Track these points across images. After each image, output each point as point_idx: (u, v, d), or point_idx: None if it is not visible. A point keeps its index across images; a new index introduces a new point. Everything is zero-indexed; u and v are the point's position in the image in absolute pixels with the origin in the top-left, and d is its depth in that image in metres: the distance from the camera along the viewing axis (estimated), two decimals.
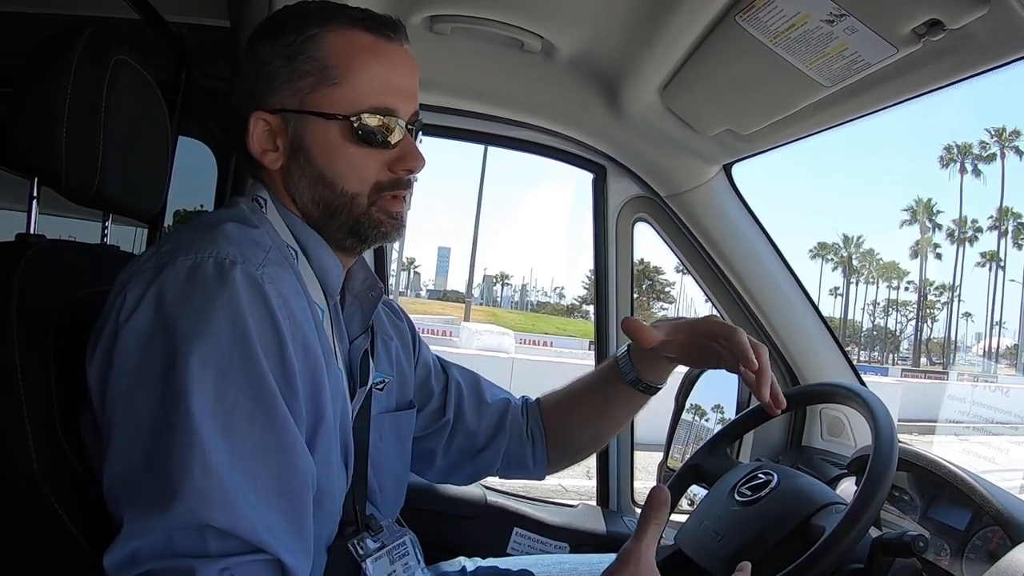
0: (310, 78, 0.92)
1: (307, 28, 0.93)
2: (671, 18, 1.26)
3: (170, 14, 1.50)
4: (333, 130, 0.93)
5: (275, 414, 0.80)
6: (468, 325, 30.69)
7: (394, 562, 1.03)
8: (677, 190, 1.90)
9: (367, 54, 0.93)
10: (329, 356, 0.93)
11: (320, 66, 0.92)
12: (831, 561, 0.98)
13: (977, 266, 61.44)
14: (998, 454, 6.61)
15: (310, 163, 0.94)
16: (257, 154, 0.95)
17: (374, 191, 0.95)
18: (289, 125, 0.94)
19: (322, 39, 0.92)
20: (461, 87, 1.79)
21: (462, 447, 1.28)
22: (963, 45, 1.05)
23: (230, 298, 0.79)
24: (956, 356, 61.69)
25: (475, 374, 1.35)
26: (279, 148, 0.95)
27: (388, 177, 0.96)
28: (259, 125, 0.94)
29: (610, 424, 1.33)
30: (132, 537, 0.74)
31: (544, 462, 1.33)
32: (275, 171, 0.96)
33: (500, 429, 1.29)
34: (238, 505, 0.76)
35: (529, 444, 1.31)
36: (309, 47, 0.92)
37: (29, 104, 1.00)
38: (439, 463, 1.28)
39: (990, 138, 58.18)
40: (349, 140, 0.93)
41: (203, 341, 0.77)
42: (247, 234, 0.88)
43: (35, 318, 0.89)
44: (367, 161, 0.94)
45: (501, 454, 1.29)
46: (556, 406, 1.35)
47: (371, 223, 0.96)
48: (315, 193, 0.95)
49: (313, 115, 0.93)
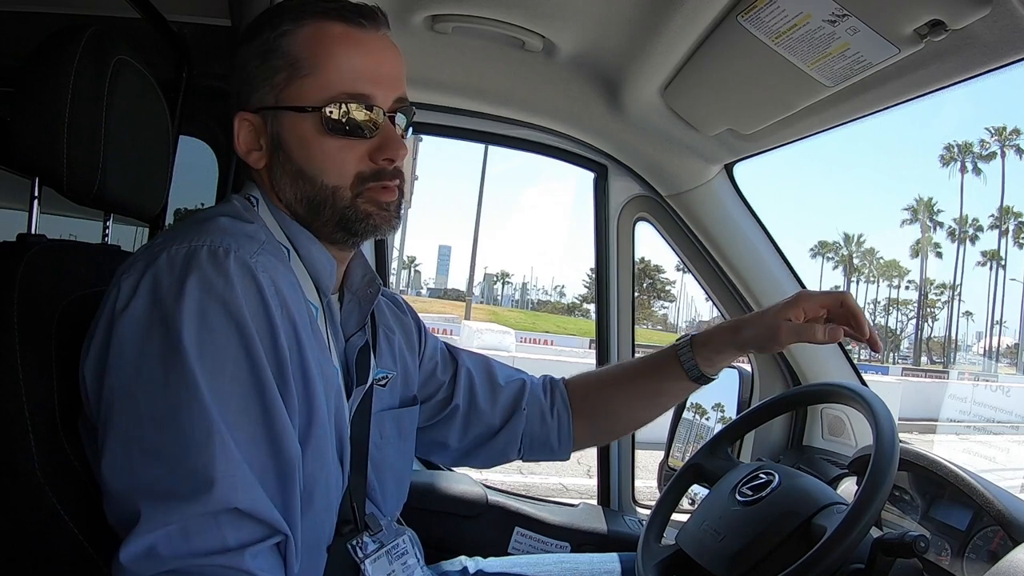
0: (283, 73, 0.92)
1: (280, 25, 0.92)
2: (673, 17, 1.26)
3: (171, 13, 1.50)
4: (307, 123, 0.92)
5: (268, 399, 0.80)
6: (469, 324, 30.68)
7: (393, 561, 1.03)
8: (678, 189, 1.90)
9: (337, 43, 0.92)
10: (323, 353, 0.93)
11: (291, 60, 0.91)
12: (832, 561, 0.98)
13: (978, 265, 61.47)
14: (999, 453, 6.61)
15: (289, 159, 0.94)
16: (243, 154, 0.96)
17: (357, 183, 0.94)
18: (268, 123, 0.94)
19: (294, 34, 0.92)
20: (462, 86, 1.79)
21: (478, 431, 1.28)
22: (965, 45, 1.05)
23: (225, 284, 0.80)
24: (957, 355, 61.68)
25: (485, 358, 1.34)
26: (262, 147, 0.95)
27: (370, 168, 0.94)
28: (243, 126, 0.95)
29: (655, 411, 1.35)
30: (148, 529, 0.74)
31: (569, 442, 1.32)
32: (260, 170, 0.97)
33: (516, 410, 1.28)
34: (255, 486, 0.77)
35: (554, 424, 1.30)
36: (281, 43, 0.92)
37: (30, 104, 1.00)
38: (453, 449, 1.29)
39: (990, 137, 58.16)
40: (323, 132, 0.91)
41: (198, 328, 0.77)
42: (241, 227, 0.89)
43: (36, 318, 0.89)
44: (344, 153, 0.93)
45: (519, 435, 1.29)
46: (592, 388, 1.35)
47: (358, 215, 0.94)
48: (297, 189, 0.95)
49: (286, 110, 0.92)
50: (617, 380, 1.33)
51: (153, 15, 1.41)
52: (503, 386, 1.29)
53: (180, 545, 0.74)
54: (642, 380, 1.31)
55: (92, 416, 0.82)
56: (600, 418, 1.33)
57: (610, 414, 1.33)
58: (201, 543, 0.74)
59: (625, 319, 2.09)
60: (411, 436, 1.19)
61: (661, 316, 72.73)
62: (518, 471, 6.63)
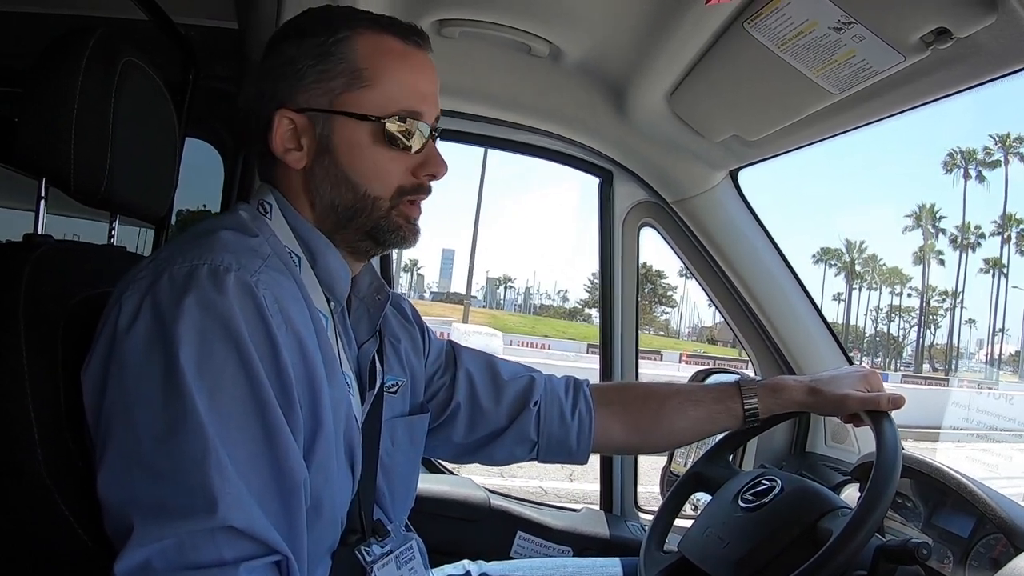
0: (341, 79, 0.93)
1: (337, 30, 0.94)
2: (679, 24, 1.26)
3: (178, 15, 1.50)
4: (362, 131, 0.94)
5: (269, 419, 0.80)
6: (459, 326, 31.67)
7: (401, 567, 1.03)
8: (683, 195, 1.90)
9: (397, 59, 0.95)
10: (332, 364, 0.93)
11: (351, 68, 0.93)
12: (835, 567, 0.98)
13: (981, 272, 61.29)
14: (998, 460, 6.58)
15: (336, 164, 0.94)
16: (279, 152, 0.95)
17: (396, 195, 0.96)
18: (317, 125, 0.94)
19: (352, 42, 0.93)
20: (468, 91, 1.79)
21: (483, 431, 1.27)
22: (971, 54, 1.05)
23: (224, 303, 0.80)
24: (959, 363, 61.47)
25: (488, 355, 1.33)
26: (303, 147, 0.95)
27: (411, 182, 0.97)
28: (283, 123, 0.94)
29: (695, 436, 1.36)
30: (143, 543, 0.74)
31: (588, 446, 1.30)
32: (296, 171, 0.96)
33: (523, 408, 1.27)
34: (252, 505, 0.77)
35: (574, 425, 1.29)
36: (340, 49, 0.93)
37: (38, 105, 1.00)
38: (459, 448, 1.28)
39: (994, 144, 58.03)
40: (377, 142, 0.94)
41: (197, 348, 0.78)
42: (244, 242, 0.89)
43: (42, 318, 0.89)
44: (392, 165, 0.95)
45: (528, 433, 1.27)
46: (628, 398, 1.34)
47: (391, 227, 0.97)
48: (337, 194, 0.95)
49: (343, 115, 0.93)
50: (666, 399, 1.31)
51: (160, 17, 1.42)
52: (508, 382, 1.28)
53: (175, 559, 0.74)
54: (693, 405, 1.29)
55: (91, 428, 0.82)
56: (636, 430, 1.32)
57: (649, 428, 1.32)
58: (196, 557, 0.74)
59: (629, 324, 2.09)
60: (421, 443, 1.19)
61: (663, 322, 72.64)
62: (498, 474, 6.56)
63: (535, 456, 1.31)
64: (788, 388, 1.27)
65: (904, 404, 1.18)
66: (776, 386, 1.27)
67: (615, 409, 1.32)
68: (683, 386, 1.35)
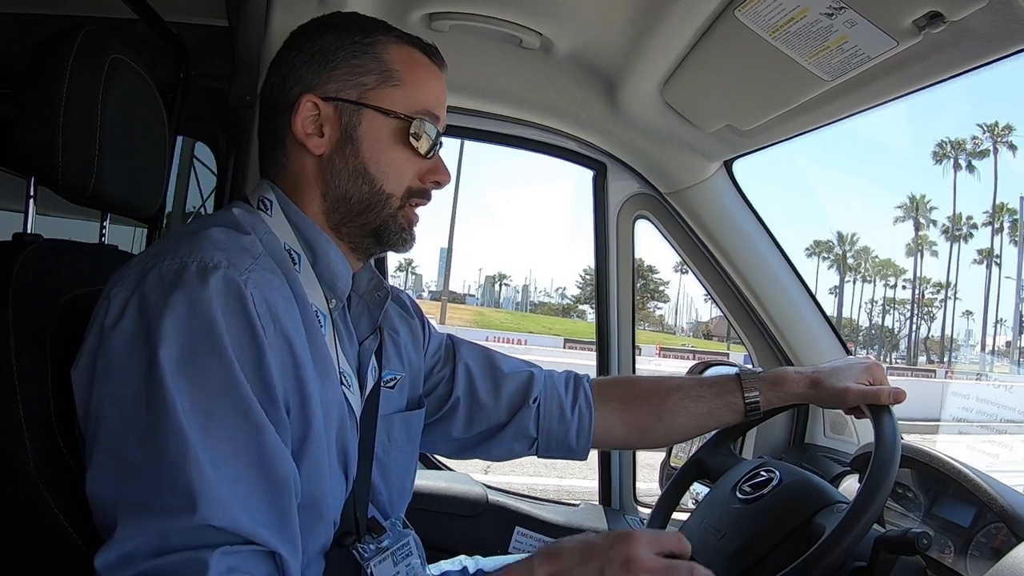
0: (373, 76, 0.98)
1: (373, 33, 0.99)
2: (670, 13, 1.26)
3: (168, 14, 1.50)
4: (387, 127, 0.98)
5: (252, 418, 0.80)
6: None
7: (397, 563, 1.03)
8: (678, 187, 1.90)
9: (424, 68, 1.02)
10: (326, 363, 0.93)
11: (384, 67, 0.98)
12: (833, 560, 0.97)
13: (974, 263, 61.34)
14: (1004, 450, 6.60)
15: (357, 155, 0.97)
16: (301, 136, 0.96)
17: (406, 195, 1.00)
18: (343, 115, 0.97)
19: (386, 45, 0.99)
20: (459, 84, 1.77)
21: (482, 425, 1.27)
22: (964, 37, 1.05)
23: (209, 302, 0.79)
24: (954, 354, 61.59)
25: (487, 350, 1.33)
26: (324, 135, 0.97)
27: (419, 185, 1.01)
28: (307, 108, 0.96)
29: (695, 432, 1.35)
30: (126, 538, 0.74)
31: (588, 442, 1.31)
32: (313, 158, 0.98)
33: (523, 404, 1.27)
34: (234, 505, 0.76)
35: (574, 421, 1.29)
36: (374, 49, 0.98)
37: (26, 104, 0.99)
38: (458, 443, 1.29)
39: (982, 133, 57.97)
40: (398, 140, 0.98)
41: (180, 346, 0.77)
42: (235, 240, 0.88)
43: (32, 317, 0.89)
44: (407, 165, 0.99)
45: (527, 429, 1.28)
46: (628, 394, 1.34)
47: (396, 227, 1.01)
48: (353, 186, 0.98)
49: (372, 109, 0.97)
50: (666, 393, 1.31)
51: (150, 15, 1.41)
52: (507, 376, 1.29)
53: (156, 549, 0.74)
54: (693, 399, 1.29)
55: (81, 426, 0.82)
56: (636, 425, 1.32)
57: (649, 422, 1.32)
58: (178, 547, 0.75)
59: (625, 318, 2.09)
60: (418, 439, 1.19)
61: (657, 317, 72.77)
62: (483, 470, 6.56)
63: (535, 452, 1.31)
64: (789, 381, 1.26)
65: (905, 399, 1.17)
66: (777, 378, 1.27)
67: (615, 406, 1.32)
68: (684, 381, 1.34)
